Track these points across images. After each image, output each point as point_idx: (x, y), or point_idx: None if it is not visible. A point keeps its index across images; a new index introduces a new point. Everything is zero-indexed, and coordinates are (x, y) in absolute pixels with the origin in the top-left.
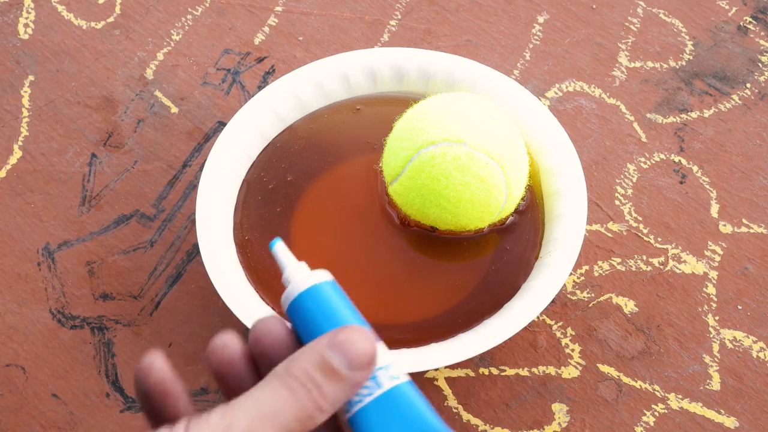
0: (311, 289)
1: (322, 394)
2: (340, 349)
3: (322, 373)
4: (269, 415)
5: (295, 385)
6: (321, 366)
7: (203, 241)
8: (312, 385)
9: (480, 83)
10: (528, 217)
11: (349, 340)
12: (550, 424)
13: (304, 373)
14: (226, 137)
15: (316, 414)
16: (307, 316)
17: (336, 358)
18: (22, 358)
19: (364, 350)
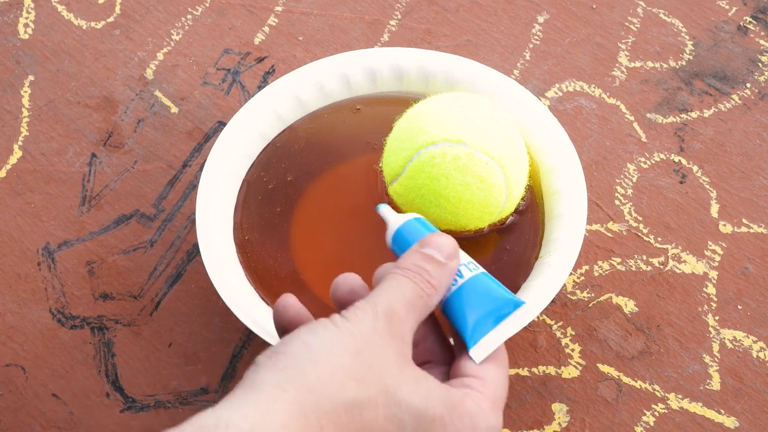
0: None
1: (432, 276)
2: (433, 245)
3: (427, 262)
4: (399, 294)
5: (410, 274)
6: (424, 257)
7: (203, 241)
8: (423, 271)
9: (480, 83)
10: (528, 217)
11: (436, 238)
12: (550, 424)
13: (414, 264)
14: (226, 137)
15: (431, 292)
16: (403, 240)
17: (433, 251)
18: (22, 358)
19: (449, 244)
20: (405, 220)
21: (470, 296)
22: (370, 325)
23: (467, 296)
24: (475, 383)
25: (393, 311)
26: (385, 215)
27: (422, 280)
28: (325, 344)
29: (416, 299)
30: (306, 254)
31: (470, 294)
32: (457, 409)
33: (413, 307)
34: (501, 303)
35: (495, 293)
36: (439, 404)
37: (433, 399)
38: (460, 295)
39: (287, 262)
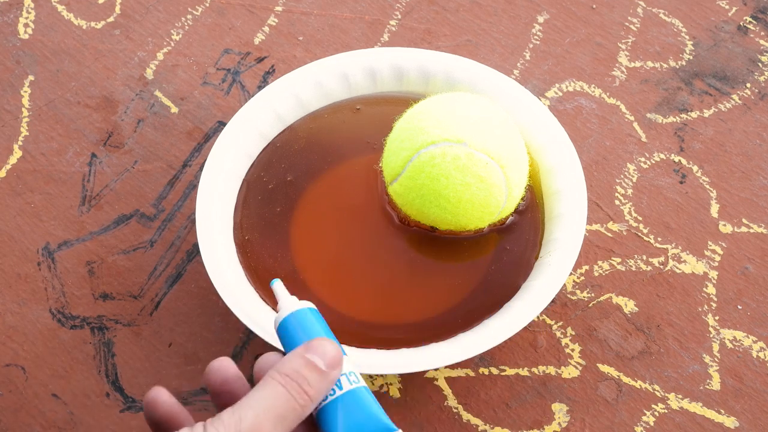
0: (294, 312)
1: (310, 386)
2: (317, 351)
3: (308, 369)
4: (269, 407)
5: (287, 381)
6: (306, 364)
7: (203, 241)
8: (301, 379)
9: (480, 83)
10: (528, 217)
11: (321, 345)
12: (550, 424)
13: (293, 371)
14: (226, 137)
15: (306, 403)
16: (290, 332)
17: (316, 358)
18: (22, 358)
19: (333, 353)
20: (296, 308)
21: (345, 411)
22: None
23: (343, 410)
24: None
25: (258, 429)
26: (279, 294)
27: (298, 390)
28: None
29: (288, 411)
30: (306, 254)
31: (346, 408)
32: None
33: (282, 419)
34: (375, 425)
35: (370, 413)
36: None
37: None
38: (336, 407)
39: (287, 262)
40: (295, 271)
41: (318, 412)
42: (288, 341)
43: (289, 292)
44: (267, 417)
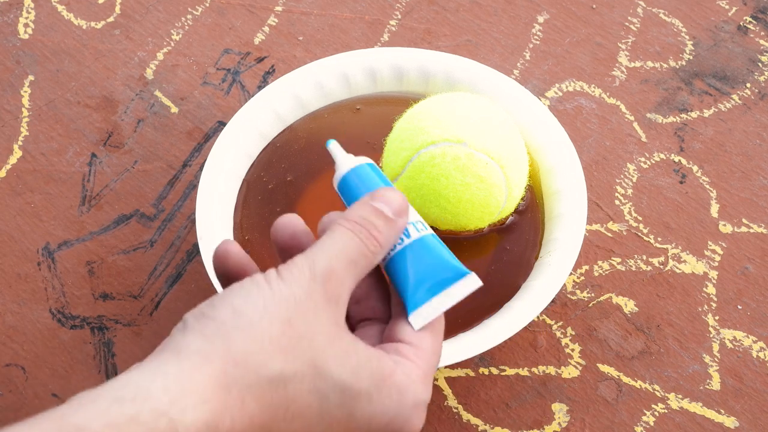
0: (355, 168)
1: (379, 232)
2: (383, 199)
3: (376, 216)
4: (341, 251)
5: (356, 228)
6: (373, 211)
7: (203, 241)
8: (370, 225)
9: (480, 83)
10: (528, 217)
11: (386, 193)
12: (550, 424)
13: (361, 218)
14: (226, 137)
15: (376, 249)
16: (351, 188)
17: (382, 205)
18: (22, 358)
19: (399, 200)
20: (356, 164)
21: (415, 258)
22: (306, 287)
23: (412, 258)
24: (409, 351)
25: (331, 271)
26: (335, 154)
27: (368, 236)
28: (256, 311)
29: (358, 257)
30: None
31: (415, 256)
32: (385, 381)
33: (354, 265)
34: (446, 270)
35: (441, 258)
36: (366, 377)
37: (360, 372)
38: (405, 256)
39: None
40: None
41: (387, 263)
42: (351, 197)
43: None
44: (339, 260)
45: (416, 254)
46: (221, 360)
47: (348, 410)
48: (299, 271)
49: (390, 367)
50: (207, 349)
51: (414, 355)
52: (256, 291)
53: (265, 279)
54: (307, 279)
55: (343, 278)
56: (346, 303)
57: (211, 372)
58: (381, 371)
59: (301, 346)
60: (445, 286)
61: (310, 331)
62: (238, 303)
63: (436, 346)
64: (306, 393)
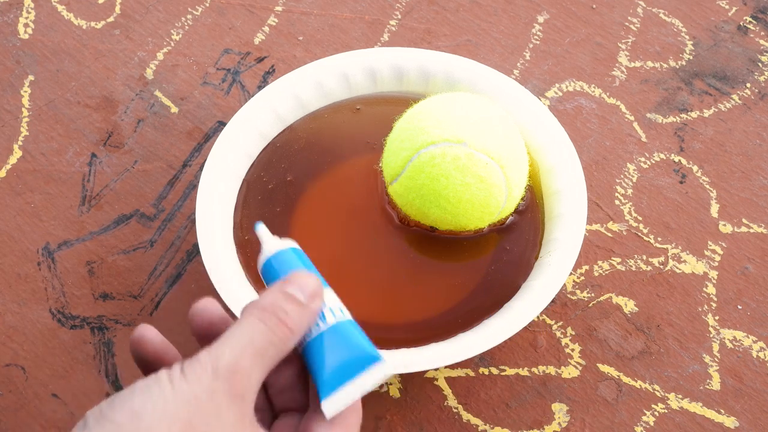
0: (276, 254)
1: (290, 318)
2: (295, 284)
3: (286, 301)
4: (248, 343)
5: (266, 316)
6: (285, 297)
7: (203, 241)
8: (280, 312)
9: (480, 83)
10: (528, 217)
11: (299, 277)
12: (550, 424)
13: (270, 304)
14: (226, 137)
15: (285, 336)
16: (272, 272)
17: (294, 290)
18: (22, 358)
19: (312, 284)
20: (278, 249)
21: (330, 345)
22: (207, 386)
23: (327, 344)
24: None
25: (236, 367)
26: (262, 237)
27: (277, 323)
28: (155, 413)
29: (267, 346)
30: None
31: (330, 342)
32: None
33: (261, 356)
34: (359, 356)
35: (355, 345)
36: None
37: None
38: (320, 343)
39: None
40: None
41: (303, 350)
42: (270, 282)
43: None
44: (245, 353)
45: (331, 340)
46: None
47: None
48: (202, 368)
49: None
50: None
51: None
52: (157, 391)
53: (168, 377)
54: (209, 378)
55: (250, 372)
56: (253, 397)
57: None
58: None
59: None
60: (357, 372)
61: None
62: (137, 405)
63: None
64: None
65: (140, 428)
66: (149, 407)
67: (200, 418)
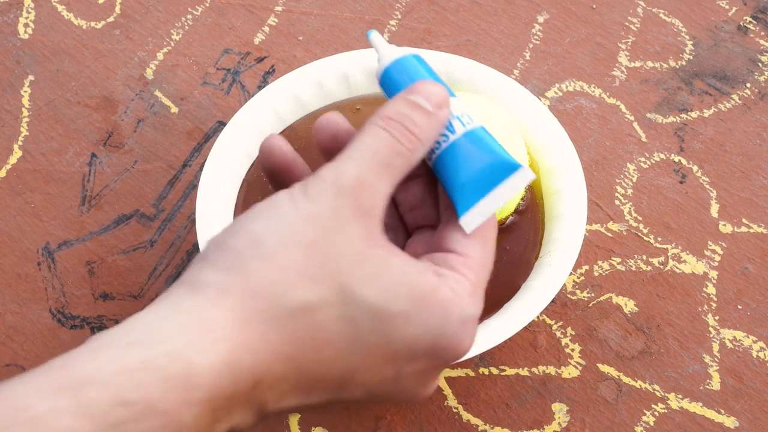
0: (395, 62)
1: (416, 126)
2: (420, 93)
3: (412, 109)
4: (373, 155)
5: (390, 124)
6: (410, 105)
7: (203, 241)
8: (406, 119)
9: (480, 83)
10: (528, 217)
11: (423, 86)
12: (550, 424)
13: (395, 113)
14: (226, 137)
15: (413, 145)
16: (394, 82)
17: (419, 98)
18: (22, 358)
19: (438, 92)
20: (399, 55)
21: (463, 155)
22: (331, 204)
23: (459, 155)
24: (457, 262)
25: (361, 181)
26: (376, 45)
27: (403, 132)
28: (277, 236)
29: (393, 156)
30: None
31: (463, 152)
32: (426, 299)
33: (388, 168)
34: (496, 164)
35: (490, 153)
36: (402, 297)
37: (395, 292)
38: (452, 154)
39: None
40: None
41: (434, 164)
42: (393, 93)
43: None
44: (370, 166)
45: (463, 151)
46: (240, 293)
47: (383, 335)
48: (324, 185)
49: (432, 283)
50: (225, 281)
51: (462, 265)
52: (277, 214)
53: (289, 198)
54: (332, 195)
55: (375, 186)
56: (381, 213)
57: (229, 306)
58: (420, 288)
59: (327, 270)
60: (496, 183)
61: (336, 253)
62: (258, 229)
63: (487, 255)
64: (334, 320)
65: (261, 253)
66: (270, 230)
67: (325, 238)
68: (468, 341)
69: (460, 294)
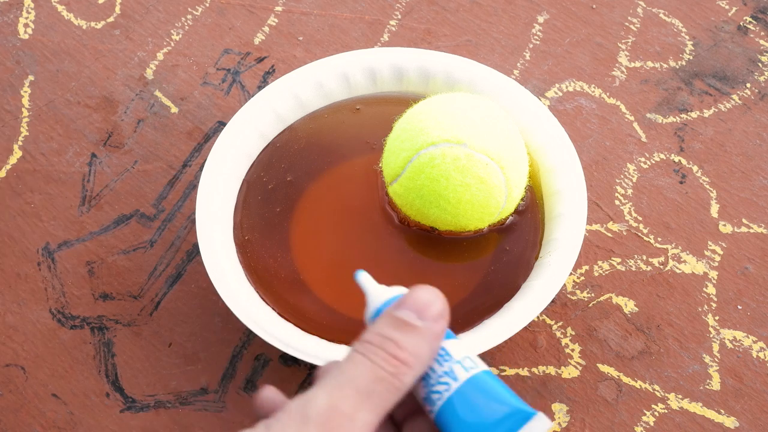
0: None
1: (400, 347)
2: (408, 304)
3: (395, 329)
4: (347, 383)
5: (368, 349)
6: (394, 323)
7: (203, 241)
8: (386, 342)
9: (480, 83)
10: (528, 217)
11: (415, 293)
12: None
13: (376, 336)
14: (226, 137)
15: (399, 371)
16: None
17: (405, 314)
18: (22, 358)
19: (429, 298)
20: (389, 296)
21: (467, 406)
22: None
23: (466, 404)
24: None
25: (332, 410)
26: (364, 287)
27: (384, 356)
28: None
29: (374, 384)
30: (306, 254)
31: (469, 402)
32: None
33: (367, 396)
34: (511, 415)
35: (502, 402)
36: None
37: None
38: (454, 405)
39: (287, 262)
40: (295, 271)
41: (437, 417)
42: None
43: (289, 291)
44: (344, 394)
45: (469, 400)
46: None
47: None
48: (287, 417)
49: None
50: None
51: None
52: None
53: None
54: (295, 427)
55: (352, 415)
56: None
57: None
58: None
59: None
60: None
61: None
62: None
63: None
64: None
65: None
66: None
67: None
68: None
69: None
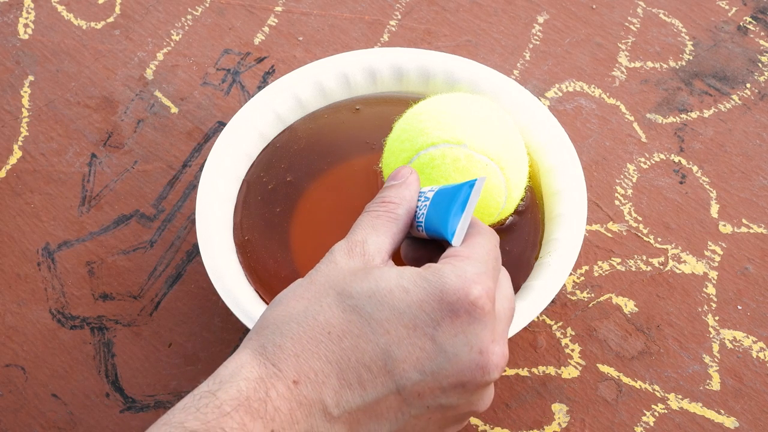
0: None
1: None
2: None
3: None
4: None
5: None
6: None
7: (203, 241)
8: (379, 198)
9: (480, 83)
10: (528, 217)
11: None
12: (550, 424)
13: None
14: (226, 137)
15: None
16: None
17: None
18: (22, 358)
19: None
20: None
21: (438, 206)
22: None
23: (435, 208)
24: (461, 251)
25: (351, 243)
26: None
27: (380, 204)
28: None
29: (374, 220)
30: (306, 254)
31: (437, 205)
32: (419, 274)
33: (372, 228)
34: (460, 193)
35: (452, 189)
36: (393, 279)
37: (385, 278)
38: (431, 211)
39: (287, 262)
40: (295, 271)
41: (426, 229)
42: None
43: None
44: (355, 236)
45: (437, 204)
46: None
47: (389, 308)
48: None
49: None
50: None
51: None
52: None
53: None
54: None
55: (363, 241)
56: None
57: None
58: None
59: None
60: (464, 207)
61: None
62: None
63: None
64: (339, 314)
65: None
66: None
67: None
68: (475, 288)
69: (454, 263)
